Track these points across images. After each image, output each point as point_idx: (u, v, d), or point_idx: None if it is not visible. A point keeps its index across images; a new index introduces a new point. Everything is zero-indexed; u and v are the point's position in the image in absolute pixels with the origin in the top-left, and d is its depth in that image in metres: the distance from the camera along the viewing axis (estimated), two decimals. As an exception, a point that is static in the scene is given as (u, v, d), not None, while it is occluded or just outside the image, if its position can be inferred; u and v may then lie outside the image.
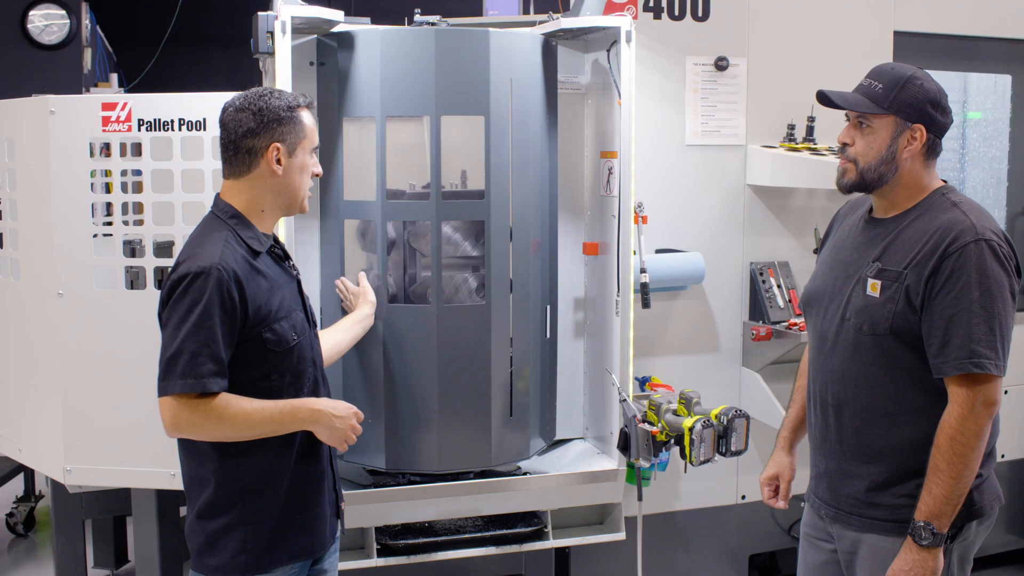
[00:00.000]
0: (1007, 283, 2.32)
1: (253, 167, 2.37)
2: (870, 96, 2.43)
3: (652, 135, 3.74)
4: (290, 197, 2.43)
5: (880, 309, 2.40)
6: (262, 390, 2.32)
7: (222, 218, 2.38)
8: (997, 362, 2.29)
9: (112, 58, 8.25)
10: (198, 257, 2.27)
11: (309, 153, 2.43)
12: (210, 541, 2.36)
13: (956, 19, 4.22)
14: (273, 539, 2.37)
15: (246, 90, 2.42)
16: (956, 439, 2.30)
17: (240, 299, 2.26)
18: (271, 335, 2.32)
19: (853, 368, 2.47)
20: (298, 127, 2.39)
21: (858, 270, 2.48)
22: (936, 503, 2.32)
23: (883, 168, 2.43)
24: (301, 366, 2.41)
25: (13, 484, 5.38)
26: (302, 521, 2.43)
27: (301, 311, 2.45)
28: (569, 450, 3.70)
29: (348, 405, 2.44)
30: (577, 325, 3.73)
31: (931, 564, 2.34)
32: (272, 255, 2.43)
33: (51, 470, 3.41)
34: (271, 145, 2.35)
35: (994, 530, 2.42)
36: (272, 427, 2.31)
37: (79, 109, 3.18)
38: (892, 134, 2.42)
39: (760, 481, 2.83)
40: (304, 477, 2.43)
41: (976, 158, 4.50)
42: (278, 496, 2.37)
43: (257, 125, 2.34)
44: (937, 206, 2.42)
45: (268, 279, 2.35)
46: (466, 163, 3.36)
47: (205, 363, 2.20)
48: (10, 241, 3.54)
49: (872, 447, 2.46)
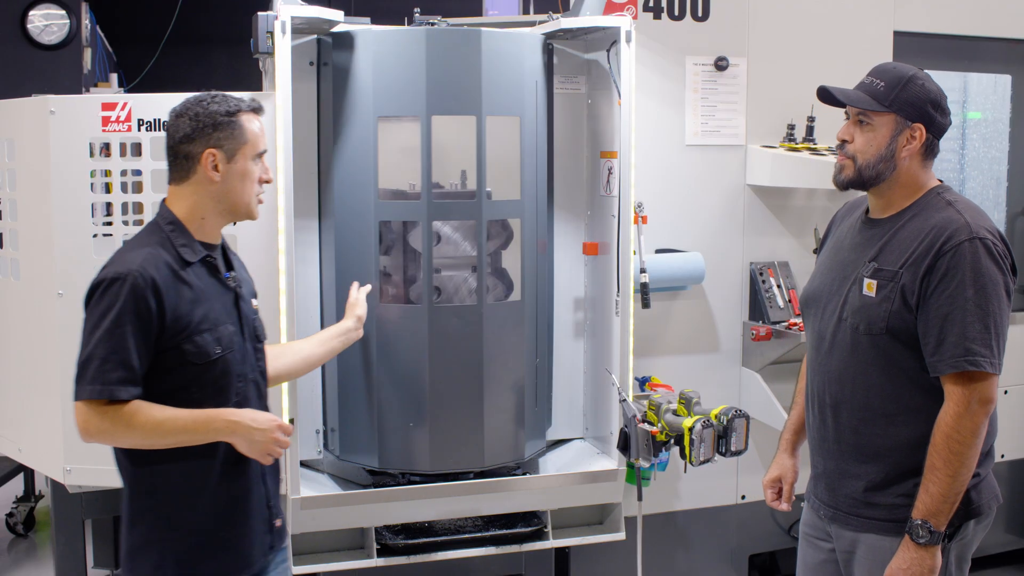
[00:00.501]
0: (1002, 281, 2.33)
1: (192, 173, 2.34)
2: (872, 94, 2.44)
3: (652, 135, 3.74)
4: (231, 204, 2.38)
5: (876, 309, 2.40)
6: (181, 401, 2.25)
7: (160, 224, 2.34)
8: (992, 360, 2.30)
9: (112, 58, 8.24)
10: (118, 263, 2.24)
11: (252, 159, 2.37)
12: (131, 554, 2.32)
13: (956, 19, 4.22)
14: (193, 555, 2.31)
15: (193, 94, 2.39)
16: (952, 437, 2.30)
17: (158, 307, 2.21)
18: (191, 347, 2.26)
19: (850, 368, 2.47)
20: (237, 132, 2.34)
21: (855, 270, 2.48)
22: (933, 501, 2.32)
23: (881, 166, 2.44)
24: (225, 380, 2.33)
25: (13, 484, 5.38)
26: (226, 538, 2.35)
27: (233, 324, 2.37)
28: (569, 450, 3.70)
29: (272, 417, 2.33)
30: (577, 325, 3.73)
31: (928, 562, 2.34)
32: (207, 265, 2.37)
33: (51, 470, 3.41)
34: (206, 151, 2.31)
35: (994, 530, 2.43)
36: (185, 436, 2.24)
37: (79, 109, 3.18)
38: (892, 132, 2.43)
39: (763, 484, 2.84)
40: (228, 492, 2.35)
41: (976, 158, 4.50)
42: (197, 510, 2.31)
43: (193, 131, 2.31)
44: (932, 205, 2.43)
45: (194, 289, 2.29)
46: (468, 163, 3.36)
47: (114, 370, 2.17)
48: (10, 241, 3.53)
49: (870, 447, 2.47)
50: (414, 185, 3.31)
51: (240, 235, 3.16)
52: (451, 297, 3.31)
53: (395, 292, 3.32)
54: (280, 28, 3.01)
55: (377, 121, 3.17)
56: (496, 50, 3.19)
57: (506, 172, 3.31)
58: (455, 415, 3.26)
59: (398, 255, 3.34)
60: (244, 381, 2.40)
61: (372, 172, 3.18)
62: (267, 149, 2.44)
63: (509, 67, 3.23)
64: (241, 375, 2.39)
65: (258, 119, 2.41)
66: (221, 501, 2.34)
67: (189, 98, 2.36)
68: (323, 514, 3.25)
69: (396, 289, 3.33)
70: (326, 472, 3.48)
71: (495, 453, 3.33)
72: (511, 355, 3.33)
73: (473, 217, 3.21)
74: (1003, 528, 4.51)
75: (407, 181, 3.33)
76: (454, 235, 3.32)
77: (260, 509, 2.43)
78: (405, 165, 3.32)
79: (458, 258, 3.33)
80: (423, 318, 3.19)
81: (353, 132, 3.22)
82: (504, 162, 3.31)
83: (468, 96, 3.16)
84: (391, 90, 3.15)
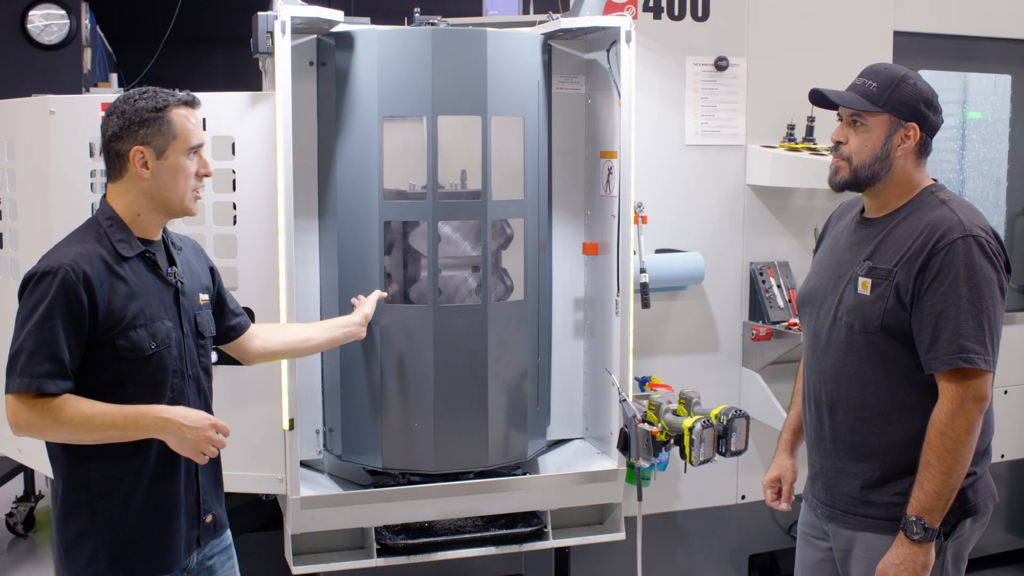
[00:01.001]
0: (995, 279, 2.34)
1: (124, 171, 2.33)
2: (865, 94, 2.45)
3: (652, 135, 3.74)
4: (164, 200, 2.35)
5: (871, 307, 2.41)
6: (115, 396, 2.24)
7: (99, 220, 2.33)
8: (986, 357, 2.31)
9: (112, 58, 8.24)
10: (50, 257, 2.23)
11: (185, 153, 2.34)
12: (66, 548, 2.30)
13: (956, 19, 4.22)
14: (127, 551, 2.30)
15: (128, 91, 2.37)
16: (947, 434, 2.31)
17: (89, 301, 2.20)
18: (125, 342, 2.25)
19: (846, 367, 2.48)
20: (165, 128, 2.31)
21: (850, 269, 2.50)
22: (927, 498, 2.33)
23: (877, 166, 2.45)
24: (160, 376, 2.32)
25: (13, 484, 5.38)
26: (158, 535, 2.34)
27: (172, 320, 2.36)
28: (569, 450, 3.70)
29: (205, 416, 2.30)
30: (577, 325, 3.73)
31: (922, 558, 2.35)
32: (145, 260, 2.35)
33: (51, 470, 3.40)
34: (133, 148, 2.30)
35: (994, 530, 2.44)
36: (115, 432, 2.22)
37: (79, 109, 3.18)
38: (887, 132, 2.44)
39: (763, 484, 2.85)
40: (160, 489, 2.34)
41: (976, 158, 4.50)
42: (130, 506, 2.30)
43: (120, 128, 2.30)
44: (926, 204, 2.45)
45: (129, 284, 2.28)
46: (468, 163, 3.36)
47: (42, 363, 2.16)
48: (10, 241, 3.53)
49: (866, 445, 2.47)
50: (414, 185, 3.31)
51: (240, 235, 3.16)
52: (451, 297, 3.31)
53: (396, 292, 3.32)
54: (280, 28, 3.01)
55: (382, 121, 3.17)
56: (500, 50, 3.19)
57: (508, 172, 3.32)
58: (459, 415, 3.26)
59: (399, 255, 3.34)
60: (181, 377, 2.38)
61: (376, 172, 3.18)
62: (202, 143, 2.40)
63: (513, 67, 3.23)
64: (178, 371, 2.37)
65: (192, 113, 2.38)
66: (154, 499, 2.33)
67: (121, 95, 2.34)
68: (323, 514, 3.25)
69: (397, 289, 3.33)
70: (326, 472, 3.48)
71: (498, 452, 3.33)
72: (514, 355, 3.33)
73: (478, 217, 3.21)
74: (1003, 528, 4.51)
75: (407, 181, 3.33)
76: (454, 235, 3.32)
77: (189, 505, 2.42)
78: (406, 165, 3.32)
79: (458, 258, 3.33)
80: (428, 318, 3.18)
81: (355, 132, 3.22)
82: (506, 162, 3.31)
83: (473, 96, 3.16)
84: (396, 90, 3.15)
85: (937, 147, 4.43)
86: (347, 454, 3.37)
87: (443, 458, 3.26)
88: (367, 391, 3.27)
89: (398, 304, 3.29)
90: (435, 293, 3.19)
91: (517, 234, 3.39)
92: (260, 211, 3.13)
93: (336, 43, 3.26)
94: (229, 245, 3.17)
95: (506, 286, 3.44)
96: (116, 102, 2.33)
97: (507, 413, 3.34)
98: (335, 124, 3.27)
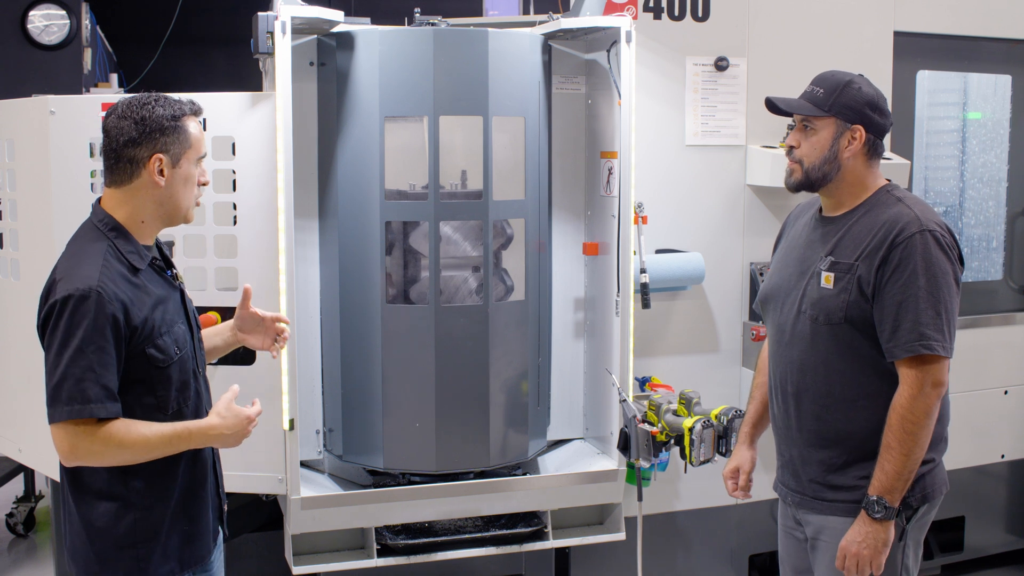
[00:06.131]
0: (951, 270, 2.47)
1: (135, 177, 2.29)
2: (812, 100, 2.62)
3: (652, 135, 3.74)
4: (172, 208, 2.34)
5: (834, 300, 2.53)
6: (148, 406, 2.26)
7: (101, 230, 2.29)
8: (945, 344, 2.44)
9: (112, 58, 8.24)
10: (75, 278, 2.18)
11: (194, 163, 2.34)
12: (101, 560, 2.28)
13: (956, 19, 4.22)
14: (164, 552, 2.32)
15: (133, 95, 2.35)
16: (907, 418, 2.43)
17: (125, 320, 2.19)
18: (155, 351, 2.26)
19: (811, 357, 2.59)
20: (182, 137, 2.30)
21: (812, 265, 2.62)
22: (888, 479, 2.45)
23: (827, 167, 2.60)
24: (185, 377, 2.34)
25: (13, 484, 5.38)
26: (191, 532, 2.37)
27: (183, 323, 2.38)
28: (569, 450, 3.71)
29: (239, 416, 2.32)
30: (577, 325, 3.73)
31: (883, 536, 2.47)
32: (154, 267, 2.35)
33: (51, 470, 3.40)
34: (153, 156, 2.27)
35: (994, 530, 2.45)
36: (170, 450, 2.26)
37: (79, 109, 3.18)
38: (833, 134, 2.58)
39: (723, 475, 2.94)
40: (191, 489, 2.37)
41: (976, 158, 4.50)
42: (167, 510, 2.32)
43: (139, 135, 2.26)
44: (883, 202, 2.57)
45: (150, 295, 2.28)
46: (469, 163, 3.36)
47: (91, 388, 2.14)
48: (10, 241, 3.54)
49: (831, 432, 2.59)
50: (414, 185, 3.31)
51: (240, 235, 3.16)
52: (451, 297, 3.31)
53: (396, 292, 3.32)
54: (280, 28, 3.01)
55: (384, 121, 3.17)
56: (502, 51, 3.19)
57: (509, 172, 3.32)
58: (460, 415, 3.27)
59: (400, 255, 3.34)
60: (195, 378, 2.42)
61: (378, 172, 3.18)
62: (207, 153, 2.42)
63: (514, 68, 3.23)
64: (195, 371, 2.41)
65: (198, 122, 2.38)
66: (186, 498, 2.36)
67: (131, 99, 2.31)
68: (323, 514, 3.25)
69: (397, 289, 3.33)
70: (326, 472, 3.48)
71: (500, 452, 3.33)
72: (515, 354, 3.33)
73: (479, 217, 3.21)
74: (1003, 528, 4.50)
75: (408, 181, 3.33)
76: (454, 235, 3.32)
77: (213, 498, 2.46)
78: (407, 165, 3.33)
79: (458, 258, 3.33)
80: (429, 318, 3.19)
81: (356, 132, 3.22)
82: (507, 162, 3.32)
83: (475, 96, 3.17)
84: (397, 90, 3.15)
85: (937, 147, 4.45)
86: (347, 454, 3.37)
87: (444, 458, 3.26)
88: (368, 391, 3.27)
89: (399, 304, 3.29)
90: (436, 293, 3.19)
91: (517, 234, 3.39)
92: (260, 211, 3.13)
93: (336, 43, 3.26)
94: (229, 245, 3.17)
95: (506, 286, 3.44)
96: (128, 107, 2.29)
97: (507, 413, 3.34)
98: (336, 124, 3.27)
